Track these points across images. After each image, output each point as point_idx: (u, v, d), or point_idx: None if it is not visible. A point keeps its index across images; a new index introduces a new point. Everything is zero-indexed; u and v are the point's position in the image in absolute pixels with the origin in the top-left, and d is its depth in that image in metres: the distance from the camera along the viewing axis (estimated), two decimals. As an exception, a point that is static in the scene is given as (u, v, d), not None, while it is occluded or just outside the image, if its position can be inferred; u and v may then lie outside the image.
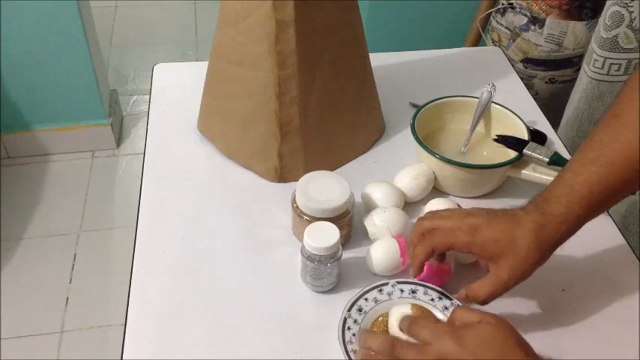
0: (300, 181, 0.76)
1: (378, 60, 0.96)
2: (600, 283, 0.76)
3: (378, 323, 0.68)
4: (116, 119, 2.13)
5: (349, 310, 0.68)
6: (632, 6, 1.08)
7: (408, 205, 0.83)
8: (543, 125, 0.98)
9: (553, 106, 1.38)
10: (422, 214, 0.71)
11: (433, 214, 0.69)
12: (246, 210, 0.84)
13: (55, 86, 1.91)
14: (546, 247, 0.62)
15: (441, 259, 0.71)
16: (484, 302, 0.64)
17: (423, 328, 0.58)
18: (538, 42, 1.37)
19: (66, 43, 1.82)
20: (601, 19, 1.15)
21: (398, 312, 0.65)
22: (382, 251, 0.73)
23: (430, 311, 0.68)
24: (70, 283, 1.71)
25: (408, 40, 1.91)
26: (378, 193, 0.80)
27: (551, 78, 1.43)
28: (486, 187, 0.86)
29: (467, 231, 0.63)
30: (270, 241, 0.79)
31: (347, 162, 0.91)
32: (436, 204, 0.79)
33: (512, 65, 1.14)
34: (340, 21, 0.83)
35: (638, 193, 0.88)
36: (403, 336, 0.61)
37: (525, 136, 0.84)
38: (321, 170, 0.78)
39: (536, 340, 0.69)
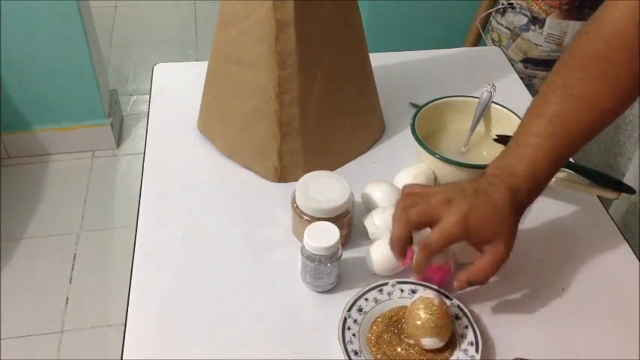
0: (300, 181, 0.76)
1: (378, 60, 0.96)
2: (600, 283, 0.76)
3: (377, 323, 0.68)
4: (116, 119, 2.13)
5: (349, 310, 0.68)
6: (632, 6, 1.08)
7: (408, 205, 0.83)
8: (543, 125, 0.97)
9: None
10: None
11: (412, 204, 0.67)
12: (246, 210, 0.84)
13: (55, 86, 1.91)
14: (519, 218, 0.67)
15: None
16: (486, 281, 0.66)
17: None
18: (538, 42, 1.37)
19: (66, 43, 1.82)
20: (601, 19, 1.14)
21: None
22: (382, 251, 0.73)
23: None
24: (70, 283, 1.71)
25: (408, 40, 1.91)
26: (378, 193, 0.80)
27: (551, 78, 1.42)
28: (486, 187, 0.85)
29: (460, 224, 0.64)
30: (270, 241, 0.79)
31: (347, 162, 0.91)
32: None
33: (512, 65, 1.14)
34: (340, 21, 0.83)
35: (638, 193, 0.88)
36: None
37: (525, 136, 0.84)
38: (321, 170, 0.78)
39: (537, 340, 0.69)
